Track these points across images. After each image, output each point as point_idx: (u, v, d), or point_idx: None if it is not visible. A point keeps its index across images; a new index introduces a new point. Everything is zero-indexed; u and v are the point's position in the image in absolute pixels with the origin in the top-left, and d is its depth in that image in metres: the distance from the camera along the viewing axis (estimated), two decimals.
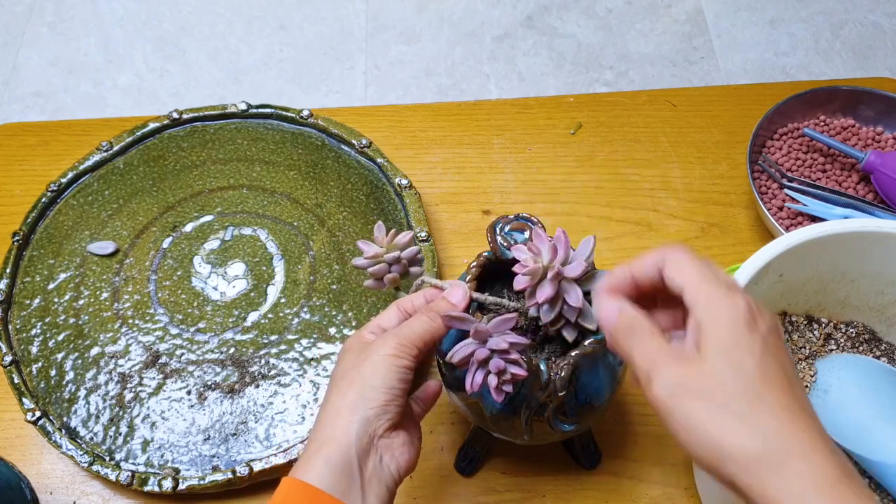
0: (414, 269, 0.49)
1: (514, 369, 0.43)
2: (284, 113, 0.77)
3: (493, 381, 0.43)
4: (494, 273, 0.50)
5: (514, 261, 0.45)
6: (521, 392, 0.47)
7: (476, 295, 0.46)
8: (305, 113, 0.77)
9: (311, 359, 0.65)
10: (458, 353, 0.44)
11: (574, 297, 0.43)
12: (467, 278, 0.48)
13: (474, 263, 0.48)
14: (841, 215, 0.69)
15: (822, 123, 0.77)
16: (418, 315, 0.45)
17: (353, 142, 0.75)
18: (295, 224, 0.72)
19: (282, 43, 1.11)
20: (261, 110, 0.78)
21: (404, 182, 0.72)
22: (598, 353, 0.45)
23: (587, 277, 0.44)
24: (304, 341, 0.66)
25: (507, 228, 0.49)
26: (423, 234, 0.69)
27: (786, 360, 0.35)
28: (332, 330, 0.66)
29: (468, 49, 1.09)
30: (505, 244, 0.48)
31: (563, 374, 0.44)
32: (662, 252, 0.38)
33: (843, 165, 0.75)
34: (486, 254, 0.49)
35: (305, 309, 0.68)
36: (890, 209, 0.70)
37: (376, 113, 0.84)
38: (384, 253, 0.47)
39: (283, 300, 0.68)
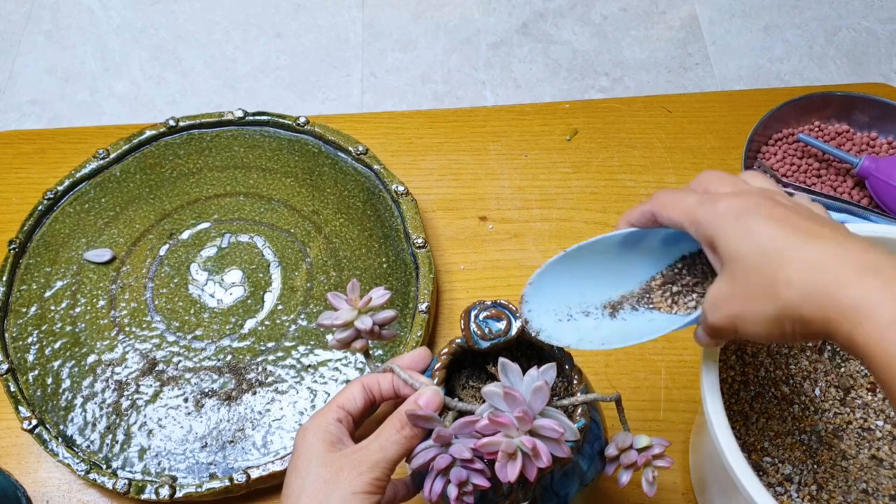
0: (386, 332, 0.44)
1: (476, 480, 0.40)
2: (281, 120, 0.77)
3: (452, 492, 0.40)
4: (466, 360, 0.47)
5: (488, 352, 0.44)
6: (484, 497, 0.45)
7: (447, 400, 0.42)
8: (302, 120, 0.77)
9: (309, 365, 0.65)
10: (418, 457, 0.40)
11: (545, 456, 0.39)
12: (436, 366, 0.44)
13: (445, 351, 0.45)
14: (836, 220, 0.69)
15: (816, 129, 0.77)
16: (391, 431, 0.41)
17: (350, 149, 0.75)
18: (292, 231, 0.72)
19: (278, 50, 1.11)
20: (257, 118, 0.78)
21: (401, 189, 0.72)
22: (567, 461, 0.43)
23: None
24: (302, 348, 0.66)
25: (482, 316, 0.45)
26: (420, 240, 0.69)
27: (778, 210, 0.36)
28: (329, 337, 0.66)
29: (464, 56, 1.09)
30: (479, 332, 0.45)
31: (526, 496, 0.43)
32: (649, 204, 0.41)
33: (837, 171, 0.75)
34: (458, 341, 0.45)
35: (302, 316, 0.68)
36: (884, 214, 0.70)
37: (373, 120, 0.84)
38: (355, 318, 0.43)
39: (280, 307, 0.68)
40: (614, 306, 0.44)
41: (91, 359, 0.66)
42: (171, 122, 0.78)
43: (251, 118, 0.78)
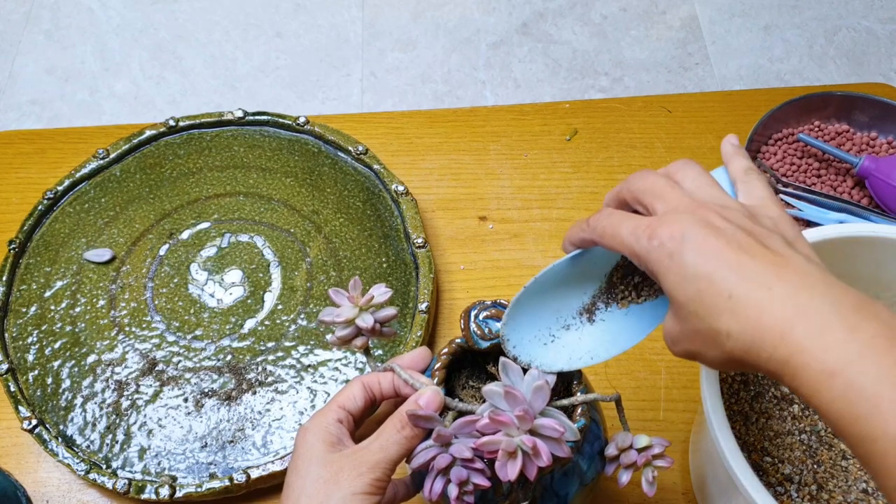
0: (386, 330, 0.44)
1: (477, 479, 0.40)
2: (281, 120, 0.77)
3: (453, 491, 0.40)
4: (466, 360, 0.47)
5: (488, 352, 0.44)
6: (484, 497, 0.45)
7: (447, 400, 0.42)
8: (302, 120, 0.77)
9: (309, 365, 0.65)
10: (418, 457, 0.40)
11: (546, 455, 0.39)
12: (436, 366, 0.44)
13: (445, 351, 0.45)
14: (836, 220, 0.69)
15: (816, 129, 0.77)
16: (392, 431, 0.41)
17: (350, 148, 0.75)
18: (292, 231, 0.72)
19: (278, 50, 1.11)
20: (257, 117, 0.78)
21: (401, 188, 0.72)
22: (567, 460, 0.43)
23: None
24: (302, 348, 0.66)
25: (482, 315, 0.45)
26: (420, 240, 0.69)
27: (709, 242, 0.34)
28: (330, 335, 0.66)
29: (464, 56, 1.09)
30: (479, 332, 0.45)
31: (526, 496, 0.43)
32: (588, 232, 0.40)
33: (837, 170, 0.75)
34: (458, 341, 0.45)
35: (302, 316, 0.68)
36: (884, 214, 0.70)
37: (372, 120, 0.84)
38: (356, 316, 0.43)
39: (280, 307, 0.68)
40: (589, 309, 0.44)
41: (91, 359, 0.66)
42: (171, 122, 0.78)
43: (251, 118, 0.78)
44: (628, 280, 0.43)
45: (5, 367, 0.65)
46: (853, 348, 0.30)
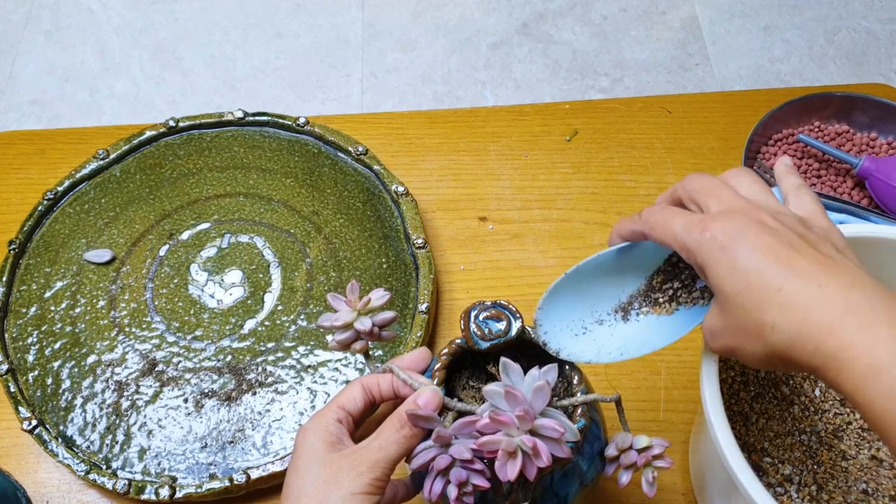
0: (386, 333, 0.44)
1: (476, 480, 0.40)
2: (281, 120, 0.77)
3: (452, 492, 0.40)
4: (466, 361, 0.47)
5: (488, 352, 0.44)
6: (484, 497, 0.45)
7: (447, 401, 0.42)
8: (302, 120, 0.77)
9: (309, 366, 0.65)
10: (417, 457, 0.40)
11: (545, 455, 0.39)
12: (436, 366, 0.44)
13: (445, 351, 0.45)
14: (836, 221, 0.69)
15: (816, 129, 0.77)
16: (391, 430, 0.41)
17: (350, 149, 0.75)
18: (292, 231, 0.72)
19: (278, 51, 1.11)
20: (257, 118, 0.78)
21: (401, 189, 0.72)
22: (567, 461, 0.43)
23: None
24: (302, 348, 0.66)
25: (482, 316, 0.45)
26: (420, 241, 0.69)
27: (762, 239, 0.35)
28: (329, 338, 0.66)
29: (464, 56, 1.09)
30: (479, 333, 0.44)
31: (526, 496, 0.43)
32: (640, 224, 0.41)
33: (837, 171, 0.75)
34: (458, 341, 0.45)
35: (302, 316, 0.68)
36: (884, 214, 0.70)
37: (372, 120, 0.84)
38: (355, 319, 0.43)
39: (280, 307, 0.68)
40: (625, 308, 0.45)
41: (91, 359, 0.66)
42: (171, 123, 0.78)
43: (251, 118, 0.78)
44: (668, 286, 0.44)
45: (5, 367, 0.65)
46: None
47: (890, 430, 0.30)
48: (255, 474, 0.60)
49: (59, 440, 0.62)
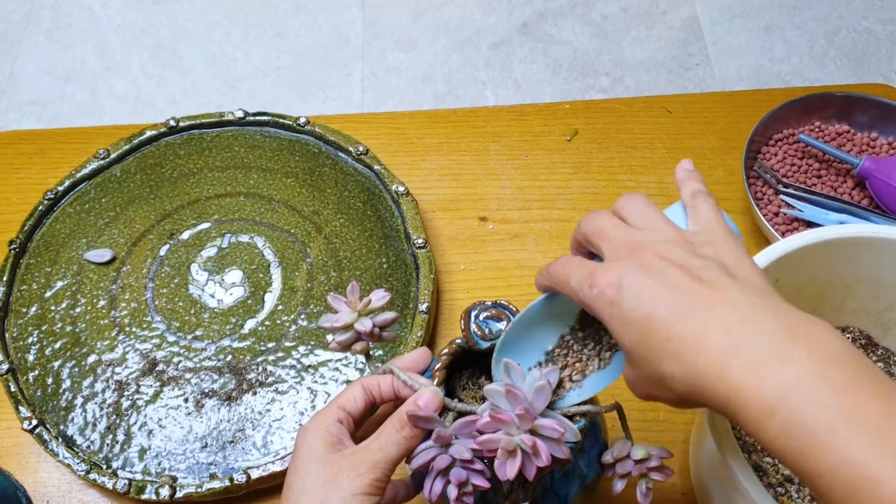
0: (386, 334, 0.44)
1: (476, 480, 0.40)
2: (281, 120, 0.77)
3: (452, 492, 0.40)
4: (466, 361, 0.47)
5: (488, 352, 0.43)
6: (484, 497, 0.45)
7: (447, 401, 0.42)
8: (302, 120, 0.77)
9: (309, 366, 0.65)
10: (418, 458, 0.41)
11: (545, 455, 0.39)
12: (437, 366, 0.44)
13: (445, 351, 0.45)
14: (836, 221, 0.69)
15: (817, 129, 0.77)
16: (391, 431, 0.41)
17: (350, 149, 0.75)
18: (292, 231, 0.72)
19: (279, 50, 1.11)
20: (258, 118, 0.78)
21: (401, 189, 0.72)
22: (567, 461, 0.43)
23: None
24: (302, 348, 0.66)
25: (482, 316, 0.45)
26: (420, 240, 0.69)
27: (646, 284, 0.34)
28: (330, 338, 0.66)
29: (464, 56, 1.09)
30: (479, 333, 0.45)
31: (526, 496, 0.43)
32: (547, 278, 0.40)
33: (838, 171, 0.75)
34: (458, 341, 0.45)
35: (303, 316, 0.68)
36: (885, 214, 0.70)
37: (373, 120, 0.84)
38: (355, 320, 0.43)
39: (280, 307, 0.68)
40: (552, 359, 0.45)
41: (91, 359, 0.66)
42: (172, 122, 0.78)
43: (251, 118, 0.78)
44: (587, 334, 0.44)
45: (6, 367, 0.65)
46: (787, 381, 0.29)
47: (793, 465, 0.29)
48: (255, 474, 0.60)
49: (60, 440, 0.62)
